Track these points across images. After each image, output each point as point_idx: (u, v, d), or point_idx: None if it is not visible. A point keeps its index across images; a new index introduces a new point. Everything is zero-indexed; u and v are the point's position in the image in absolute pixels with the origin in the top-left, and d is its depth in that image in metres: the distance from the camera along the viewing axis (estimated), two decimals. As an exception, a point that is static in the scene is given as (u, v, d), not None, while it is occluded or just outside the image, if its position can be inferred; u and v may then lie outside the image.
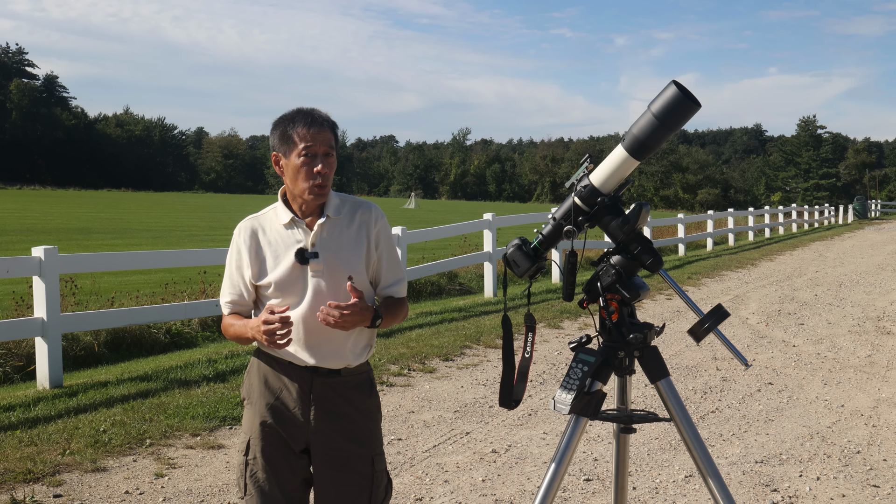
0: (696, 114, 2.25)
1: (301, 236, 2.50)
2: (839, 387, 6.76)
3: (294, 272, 2.47)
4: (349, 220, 2.55)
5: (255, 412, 2.53)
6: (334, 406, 2.51)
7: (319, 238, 2.49)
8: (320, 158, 2.45)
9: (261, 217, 2.57)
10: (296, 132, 2.44)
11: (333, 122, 2.52)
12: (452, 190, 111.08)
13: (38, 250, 6.37)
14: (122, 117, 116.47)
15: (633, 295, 2.33)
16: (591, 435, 5.33)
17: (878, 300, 12.20)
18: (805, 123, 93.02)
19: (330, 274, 2.48)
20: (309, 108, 2.50)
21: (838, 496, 4.35)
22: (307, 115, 2.47)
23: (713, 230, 22.95)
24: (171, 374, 6.72)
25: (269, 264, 2.50)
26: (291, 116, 2.48)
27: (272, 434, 2.50)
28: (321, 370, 2.50)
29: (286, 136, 2.46)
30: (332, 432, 2.50)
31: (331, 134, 2.48)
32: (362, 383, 2.58)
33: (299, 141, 2.44)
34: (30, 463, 4.55)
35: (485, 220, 12.26)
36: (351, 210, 2.57)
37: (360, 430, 2.54)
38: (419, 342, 8.12)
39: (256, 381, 2.55)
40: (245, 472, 2.52)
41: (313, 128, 2.44)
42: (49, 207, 41.91)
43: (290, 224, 2.51)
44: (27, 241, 17.62)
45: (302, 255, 2.46)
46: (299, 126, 2.44)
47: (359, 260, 2.53)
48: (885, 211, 57.11)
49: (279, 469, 2.51)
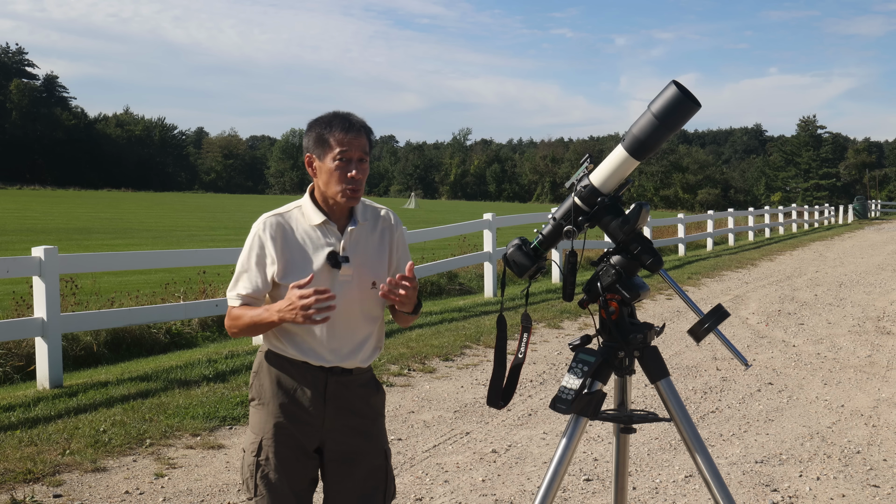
0: (696, 114, 2.25)
1: (332, 239, 2.50)
2: (839, 387, 6.76)
3: (323, 274, 2.47)
4: (373, 226, 2.59)
5: (268, 413, 2.53)
6: (348, 403, 2.54)
7: (349, 243, 2.51)
8: (354, 163, 2.46)
9: (286, 214, 2.55)
10: (332, 136, 2.45)
11: (369, 128, 2.53)
12: (452, 190, 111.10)
13: (38, 250, 6.37)
14: (122, 117, 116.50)
15: (633, 295, 2.33)
16: (591, 435, 5.33)
17: (878, 300, 12.20)
18: (805, 123, 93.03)
19: (357, 279, 2.51)
20: (346, 113, 2.51)
21: (838, 496, 4.35)
22: (344, 119, 2.48)
23: (713, 230, 22.96)
24: (171, 374, 6.72)
25: (296, 264, 2.48)
26: (328, 120, 2.48)
27: (286, 435, 2.51)
28: (335, 370, 2.52)
29: (322, 140, 2.47)
30: (346, 429, 2.53)
31: (366, 140, 2.50)
32: (369, 380, 2.62)
33: (335, 145, 2.45)
34: (30, 463, 4.55)
35: (485, 220, 12.26)
36: (373, 216, 2.60)
37: (372, 426, 2.59)
38: (419, 342, 8.12)
39: (268, 381, 2.55)
40: (256, 472, 2.51)
41: (350, 133, 2.45)
42: (49, 207, 41.91)
43: (321, 226, 2.51)
44: (27, 241, 17.63)
45: (335, 259, 2.47)
46: (336, 130, 2.45)
47: (382, 266, 2.58)
48: (885, 211, 57.11)
49: (291, 470, 2.51)
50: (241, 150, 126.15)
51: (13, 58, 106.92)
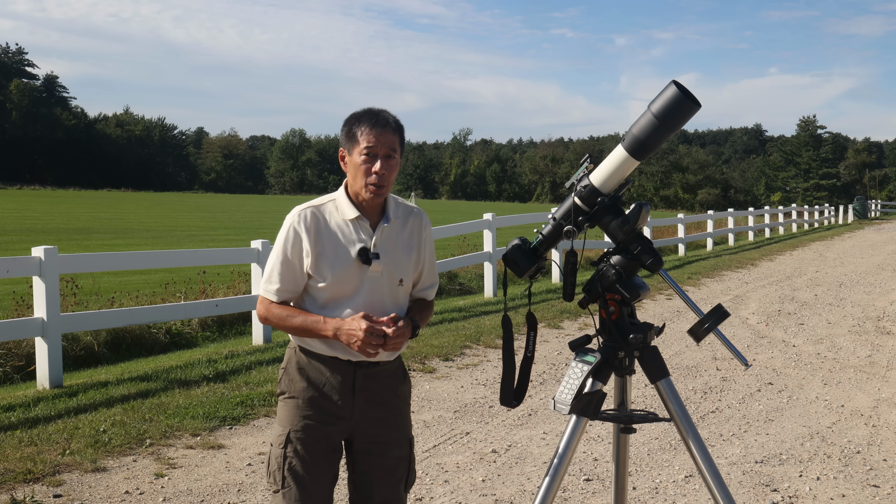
0: (696, 114, 2.25)
1: (364, 235, 2.52)
2: (839, 387, 6.76)
3: (353, 269, 2.50)
4: (402, 225, 2.61)
5: (297, 406, 2.55)
6: (376, 395, 2.57)
7: (380, 240, 2.53)
8: (380, 159, 2.47)
9: (321, 207, 2.56)
10: (360, 131, 2.48)
11: (400, 125, 2.55)
12: (452, 190, 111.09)
13: (38, 250, 6.37)
14: (122, 117, 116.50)
15: (633, 295, 2.33)
16: (591, 435, 5.33)
17: (878, 300, 12.20)
18: (805, 123, 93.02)
19: (386, 276, 2.53)
20: (379, 109, 2.54)
21: (838, 496, 4.35)
22: (374, 115, 2.50)
23: (713, 230, 22.95)
24: (171, 374, 6.72)
25: (327, 257, 2.50)
26: (360, 115, 2.52)
27: (314, 428, 2.53)
28: (364, 363, 2.54)
29: (352, 134, 2.50)
30: (375, 420, 2.57)
31: (395, 136, 2.51)
32: (397, 370, 2.65)
33: (362, 140, 2.47)
34: (30, 463, 4.55)
35: (485, 220, 12.26)
36: (404, 215, 2.63)
37: (399, 416, 2.63)
38: (419, 342, 8.12)
39: (297, 375, 2.57)
40: (283, 464, 2.53)
41: (377, 128, 2.48)
42: (49, 207, 41.92)
43: (354, 221, 2.53)
44: (27, 241, 17.63)
45: (366, 255, 2.49)
46: (365, 125, 2.48)
47: (409, 264, 2.60)
48: (885, 211, 57.10)
49: (318, 462, 2.54)
50: (241, 150, 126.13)
51: (13, 58, 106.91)
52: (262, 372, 6.78)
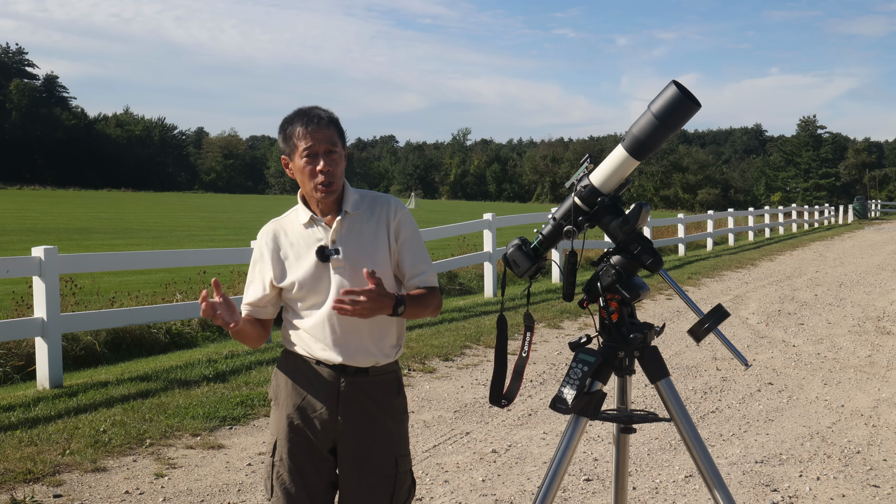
0: (697, 114, 2.25)
1: (321, 234, 2.50)
2: (839, 387, 6.76)
3: (317, 271, 2.47)
4: (369, 215, 2.54)
5: (283, 413, 2.53)
6: (361, 405, 2.50)
7: (339, 234, 2.49)
8: (322, 156, 2.43)
9: (283, 220, 2.58)
10: (296, 133, 2.44)
11: (335, 118, 2.49)
12: (452, 190, 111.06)
13: (38, 250, 6.37)
14: (122, 117, 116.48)
15: (633, 295, 2.33)
16: (591, 435, 5.33)
17: (878, 300, 12.20)
18: (805, 123, 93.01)
19: (352, 270, 2.46)
20: (308, 108, 2.49)
21: (838, 496, 4.34)
22: (305, 114, 2.46)
23: (713, 230, 22.95)
24: (171, 374, 6.72)
25: (291, 265, 2.50)
26: (291, 118, 2.48)
27: (299, 435, 2.50)
28: (349, 369, 2.48)
29: (288, 139, 2.47)
30: (358, 432, 2.49)
31: (332, 130, 2.46)
32: (390, 383, 2.57)
33: (300, 142, 2.43)
34: (30, 463, 4.55)
35: (485, 220, 12.26)
36: (370, 204, 2.56)
37: (386, 431, 2.53)
38: (419, 342, 8.12)
39: (284, 381, 2.55)
40: (271, 473, 2.52)
41: (311, 126, 2.43)
42: (49, 207, 41.90)
43: (309, 223, 2.51)
44: (27, 241, 17.63)
45: (322, 253, 2.46)
46: (298, 126, 2.44)
47: (380, 253, 2.51)
48: (885, 211, 57.10)
49: (305, 471, 2.50)
50: (241, 150, 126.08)
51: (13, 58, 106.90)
52: (262, 372, 6.77)
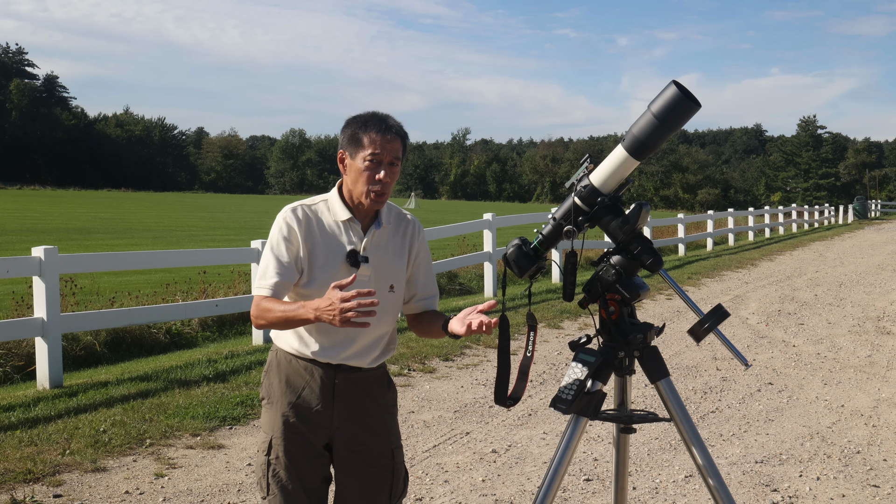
0: (697, 114, 2.25)
1: (354, 238, 2.49)
2: (839, 387, 6.76)
3: (342, 272, 2.45)
4: (395, 230, 2.57)
5: (277, 411, 2.53)
6: (357, 401, 2.52)
7: (370, 244, 2.50)
8: (384, 166, 2.43)
9: (312, 206, 2.52)
10: (367, 136, 2.42)
11: (405, 133, 2.50)
12: (452, 190, 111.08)
13: (38, 250, 6.37)
14: (122, 117, 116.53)
15: (633, 295, 2.33)
16: (591, 435, 5.33)
17: (878, 300, 12.20)
18: (805, 123, 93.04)
19: (375, 280, 2.49)
20: (384, 115, 2.49)
21: (838, 496, 4.35)
22: (381, 121, 2.45)
23: (713, 230, 22.95)
24: (171, 374, 6.72)
25: (318, 256, 2.47)
26: (365, 119, 2.46)
27: (295, 432, 2.51)
28: (344, 367, 2.51)
29: (356, 138, 2.45)
30: (354, 427, 2.52)
31: (400, 144, 2.46)
32: (381, 377, 2.61)
33: (368, 145, 2.42)
34: (30, 463, 4.55)
35: (485, 220, 12.26)
36: (397, 220, 2.59)
37: (381, 424, 2.58)
38: (419, 342, 8.12)
39: (277, 379, 2.55)
40: (268, 471, 2.52)
41: (385, 135, 2.42)
42: (49, 207, 41.91)
43: (346, 223, 2.49)
44: (27, 241, 17.63)
45: (355, 258, 2.46)
46: (371, 131, 2.42)
47: (401, 270, 2.56)
48: (885, 211, 57.09)
49: (302, 468, 2.51)
50: (241, 150, 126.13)
51: (13, 58, 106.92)
52: (262, 372, 6.76)
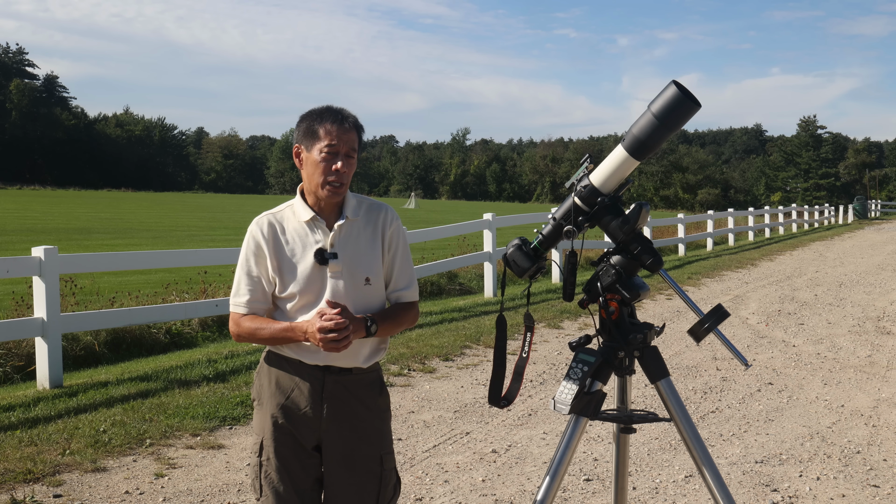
0: (697, 114, 2.25)
1: (320, 236, 2.50)
2: (839, 387, 6.76)
3: (313, 272, 2.47)
4: (366, 222, 2.57)
5: (267, 412, 2.53)
6: (346, 404, 2.52)
7: (338, 239, 2.50)
8: (341, 157, 2.46)
9: (278, 214, 2.56)
10: (322, 128, 2.46)
11: (360, 126, 2.54)
12: (452, 190, 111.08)
13: (38, 250, 6.37)
14: (122, 117, 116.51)
15: (633, 295, 2.33)
16: (591, 435, 5.33)
17: (878, 300, 12.20)
18: (805, 123, 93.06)
19: (348, 275, 2.49)
20: (339, 108, 2.53)
21: (838, 496, 4.35)
22: (336, 113, 2.49)
23: (713, 230, 22.95)
24: (171, 374, 6.71)
25: (287, 262, 2.49)
26: (320, 112, 2.50)
27: (284, 434, 2.51)
28: (333, 368, 2.51)
29: (311, 131, 2.48)
30: (342, 430, 2.51)
31: (356, 136, 2.50)
32: (373, 382, 2.59)
33: (324, 136, 2.45)
34: (30, 463, 4.55)
35: (485, 220, 12.26)
36: (367, 211, 2.59)
37: (370, 429, 2.56)
38: (419, 342, 8.12)
39: (267, 381, 2.55)
40: (260, 473, 2.53)
41: (340, 125, 2.46)
42: (49, 207, 41.90)
43: (310, 223, 2.51)
44: (27, 241, 17.62)
45: (322, 256, 2.46)
46: (326, 122, 2.46)
47: (375, 262, 2.54)
48: (885, 211, 57.10)
49: (292, 469, 2.51)
50: (241, 150, 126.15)
51: (13, 58, 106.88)
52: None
